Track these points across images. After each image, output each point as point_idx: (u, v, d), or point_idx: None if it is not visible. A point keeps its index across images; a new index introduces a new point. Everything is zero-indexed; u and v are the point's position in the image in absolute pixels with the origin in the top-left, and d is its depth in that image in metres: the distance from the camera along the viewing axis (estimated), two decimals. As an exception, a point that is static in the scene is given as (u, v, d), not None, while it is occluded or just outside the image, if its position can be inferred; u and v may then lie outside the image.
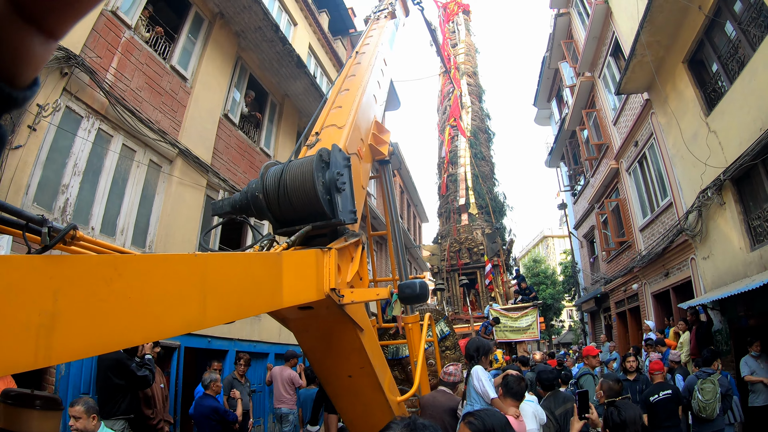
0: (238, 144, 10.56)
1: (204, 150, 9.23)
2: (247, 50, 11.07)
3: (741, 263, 8.82)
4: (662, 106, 11.50)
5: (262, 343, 10.46)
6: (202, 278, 1.47)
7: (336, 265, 2.58)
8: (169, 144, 8.26)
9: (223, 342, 9.16)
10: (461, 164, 21.41)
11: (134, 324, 1.22)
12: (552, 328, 37.56)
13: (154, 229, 8.06)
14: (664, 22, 9.88)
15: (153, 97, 8.19)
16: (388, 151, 4.81)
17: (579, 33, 18.19)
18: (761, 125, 7.70)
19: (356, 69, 5.15)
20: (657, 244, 12.91)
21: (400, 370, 9.68)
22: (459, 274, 19.06)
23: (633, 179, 14.96)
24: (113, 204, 7.36)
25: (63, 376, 5.95)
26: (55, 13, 0.46)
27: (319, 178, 2.74)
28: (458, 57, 24.02)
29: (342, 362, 3.29)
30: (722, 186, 9.25)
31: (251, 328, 10.01)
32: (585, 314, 23.26)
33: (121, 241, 7.35)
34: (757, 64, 7.73)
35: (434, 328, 6.61)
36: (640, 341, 12.30)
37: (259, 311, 2.05)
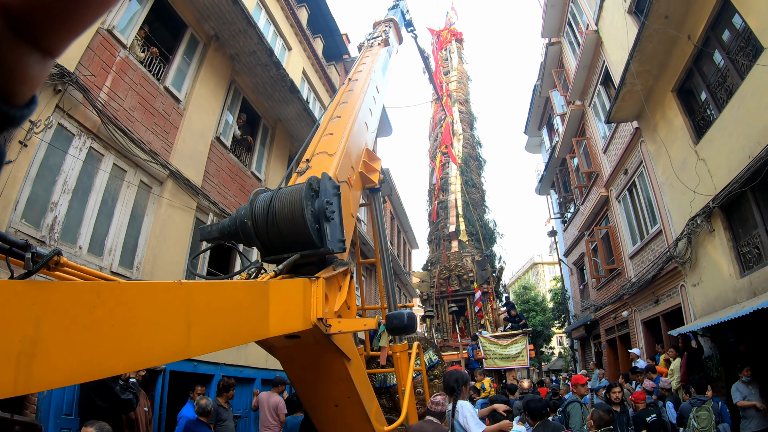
0: (229, 167, 10.54)
1: (195, 172, 9.20)
2: (241, 73, 11.13)
3: (731, 290, 8.84)
4: (651, 135, 11.63)
5: (248, 368, 10.30)
6: (187, 307, 1.45)
7: (323, 295, 2.57)
8: (160, 165, 8.22)
9: (209, 366, 9.02)
10: (452, 191, 21.46)
11: (117, 353, 1.19)
12: (542, 355, 37.35)
13: (142, 251, 7.98)
14: (653, 51, 10.05)
15: (145, 118, 8.17)
16: (379, 179, 4.81)
17: (570, 62, 18.47)
18: (750, 153, 7.79)
19: (348, 96, 5.18)
20: (647, 271, 12.95)
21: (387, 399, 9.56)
22: (448, 301, 18.95)
23: (623, 207, 15.05)
24: (102, 224, 7.29)
25: (45, 396, 5.82)
26: (52, 31, 0.46)
27: (308, 207, 2.73)
28: (450, 84, 24.25)
29: (328, 391, 3.26)
30: (711, 213, 9.32)
31: (238, 353, 9.87)
32: (575, 341, 23.20)
33: (109, 261, 7.27)
34: (746, 92, 7.86)
35: (422, 357, 6.54)
36: (629, 369, 12.22)
37: (245, 341, 2.02)
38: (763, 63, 7.16)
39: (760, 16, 7.26)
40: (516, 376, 15.65)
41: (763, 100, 7.38)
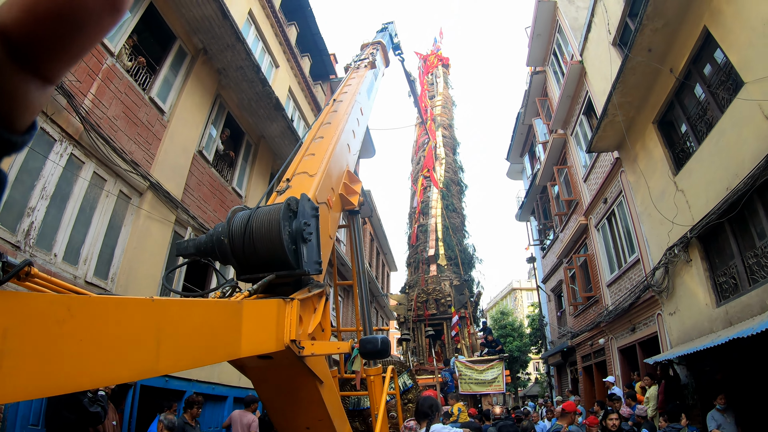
0: (210, 182, 10.46)
1: (175, 185, 9.11)
2: (227, 88, 11.12)
3: (707, 319, 8.93)
4: (632, 165, 11.82)
5: (221, 385, 10.12)
6: (158, 324, 1.43)
7: (297, 316, 2.54)
8: (140, 176, 8.13)
9: (181, 382, 8.85)
10: (432, 215, 21.59)
11: (84, 368, 1.16)
12: (518, 381, 37.36)
13: (118, 262, 7.84)
14: (636, 83, 10.26)
15: (129, 127, 8.09)
16: (359, 201, 4.81)
17: (554, 91, 18.79)
18: (727, 185, 7.94)
19: (332, 117, 5.19)
20: (624, 299, 13.05)
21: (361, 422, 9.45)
22: (425, 324, 18.94)
23: (601, 235, 15.21)
24: (79, 232, 7.16)
25: (11, 407, 5.65)
26: (51, 59, 0.47)
27: (286, 227, 2.71)
28: (435, 109, 24.52)
29: (300, 413, 3.21)
30: (689, 243, 9.45)
31: (211, 370, 9.70)
32: (551, 367, 23.21)
33: (84, 271, 7.13)
34: (725, 125, 8.04)
35: (396, 381, 6.47)
36: (605, 396, 12.24)
37: (216, 360, 1.98)
38: (742, 97, 7.34)
39: (741, 51, 7.46)
40: (492, 401, 15.60)
41: (742, 134, 7.55)
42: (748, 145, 7.40)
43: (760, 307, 7.26)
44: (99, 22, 0.47)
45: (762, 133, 7.01)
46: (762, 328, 6.05)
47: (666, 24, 8.89)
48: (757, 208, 7.60)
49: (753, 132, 7.25)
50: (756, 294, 7.47)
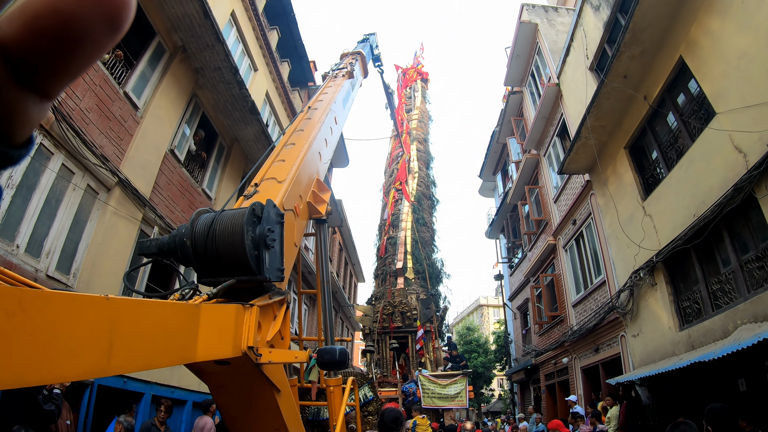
0: (180, 182, 10.28)
1: (144, 183, 8.93)
2: (203, 88, 10.98)
3: (669, 342, 9.10)
4: (602, 188, 12.03)
5: (180, 389, 9.92)
6: (111, 324, 1.39)
7: (256, 323, 2.51)
8: (109, 171, 7.94)
9: (139, 384, 8.65)
10: (402, 228, 21.60)
11: (32, 364, 1.12)
12: (482, 397, 37.49)
13: (81, 257, 7.63)
14: (610, 108, 10.47)
15: (101, 121, 7.92)
16: (326, 210, 4.79)
17: (529, 111, 19.07)
18: (695, 212, 8.13)
19: (305, 124, 5.18)
20: (589, 320, 13.22)
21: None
22: (390, 337, 18.88)
23: (569, 256, 15.42)
24: (43, 224, 6.95)
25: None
26: (49, 75, 0.47)
27: (249, 233, 2.70)
28: (411, 122, 24.63)
29: (256, 422, 3.16)
30: (654, 267, 9.64)
31: (170, 373, 9.51)
32: (515, 384, 23.36)
33: (46, 264, 6.92)
34: (695, 153, 8.25)
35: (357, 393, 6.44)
36: (567, 414, 12.35)
37: (170, 363, 1.93)
38: (714, 127, 7.55)
39: (715, 82, 7.68)
40: (453, 416, 15.61)
41: (711, 163, 7.75)
42: (716, 174, 7.60)
43: (722, 332, 7.42)
44: (98, 40, 0.46)
45: (730, 163, 7.20)
46: (724, 353, 6.18)
47: (643, 52, 9.11)
48: (722, 236, 7.79)
49: (722, 161, 7.45)
50: (719, 319, 7.64)
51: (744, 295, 7.26)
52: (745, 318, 6.96)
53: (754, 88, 6.71)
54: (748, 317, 6.89)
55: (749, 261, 7.21)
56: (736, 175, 7.04)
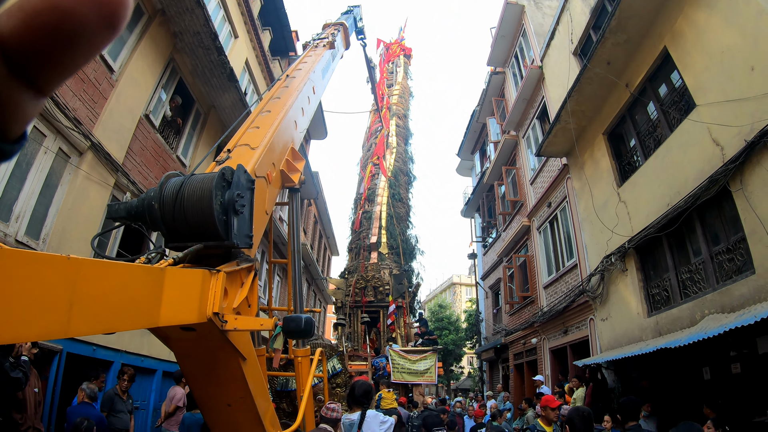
0: (154, 148, 10.06)
1: (118, 148, 8.72)
2: (181, 53, 10.70)
3: (637, 328, 9.30)
4: (578, 172, 12.13)
5: (150, 358, 9.85)
6: (72, 284, 1.37)
7: (223, 289, 2.50)
8: (82, 135, 7.71)
9: (108, 352, 8.56)
10: (378, 203, 21.54)
11: None
12: (451, 374, 37.98)
13: (51, 222, 7.44)
14: (591, 93, 10.50)
15: (74, 83, 7.67)
16: (300, 179, 4.76)
17: (510, 92, 19.08)
18: (669, 201, 8.26)
19: (283, 92, 5.14)
20: (559, 302, 13.44)
21: (288, 403, 9.43)
22: (362, 311, 18.96)
23: (542, 238, 15.60)
24: (12, 188, 6.76)
25: None
26: (45, 71, 0.48)
27: (218, 197, 2.67)
28: (392, 98, 24.44)
29: (221, 390, 3.18)
30: (626, 253, 9.80)
31: (141, 341, 9.43)
32: (484, 363, 23.74)
33: (15, 229, 6.74)
34: (672, 143, 8.34)
35: (325, 364, 6.48)
36: (534, 394, 12.60)
37: (132, 327, 1.91)
38: (693, 118, 7.64)
39: (697, 74, 7.75)
40: (422, 391, 15.81)
41: (688, 154, 7.85)
42: (692, 166, 7.71)
43: (689, 321, 7.61)
44: (95, 37, 0.46)
45: (707, 155, 7.31)
46: (690, 340, 6.34)
47: (628, 40, 9.13)
48: (695, 227, 7.94)
49: (699, 153, 7.55)
50: (687, 308, 7.82)
51: (713, 285, 7.42)
52: (712, 308, 7.13)
53: (736, 84, 6.78)
54: (715, 307, 7.06)
55: (720, 252, 7.36)
56: (712, 168, 7.15)
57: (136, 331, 9.24)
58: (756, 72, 6.41)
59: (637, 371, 9.16)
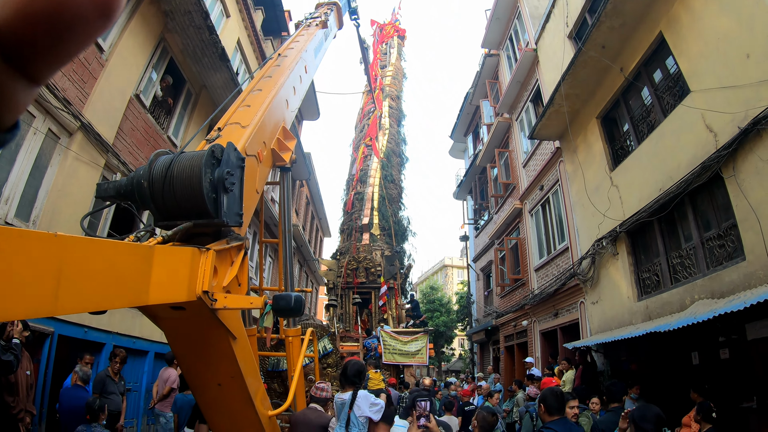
0: (145, 128, 9.97)
1: (108, 128, 8.63)
2: (172, 32, 10.55)
3: (627, 311, 9.39)
4: (571, 156, 12.14)
5: (142, 339, 9.89)
6: (60, 261, 1.37)
7: (212, 267, 2.49)
8: (71, 116, 7.63)
9: (100, 334, 8.59)
10: (370, 184, 21.47)
11: None
12: (442, 355, 38.24)
13: (41, 204, 7.39)
14: (585, 77, 10.47)
15: (64, 63, 7.58)
16: (291, 158, 4.75)
17: (504, 75, 19.01)
18: (661, 186, 8.29)
19: (274, 71, 5.09)
20: (550, 284, 13.53)
21: (279, 383, 9.48)
22: (354, 292, 19.00)
23: (534, 221, 15.65)
24: (2, 169, 6.69)
25: None
26: (39, 59, 0.48)
27: (207, 175, 2.64)
28: (385, 79, 24.27)
29: (212, 369, 3.19)
30: (617, 237, 9.85)
31: (132, 322, 9.45)
32: (475, 344, 23.95)
33: (5, 211, 6.69)
34: (666, 129, 8.35)
35: (315, 344, 6.51)
36: (525, 376, 12.74)
37: (121, 305, 1.90)
38: (687, 104, 7.64)
39: (692, 60, 7.73)
40: (413, 372, 15.94)
41: (681, 139, 7.87)
42: (685, 151, 7.73)
43: (679, 306, 7.68)
44: (89, 27, 0.46)
45: (701, 141, 7.33)
46: (679, 325, 6.39)
47: (623, 24, 9.08)
48: (686, 212, 7.98)
49: (692, 139, 7.57)
50: (677, 292, 7.89)
51: (703, 271, 7.49)
52: (702, 294, 7.20)
53: (731, 70, 6.77)
54: (705, 293, 7.13)
55: (711, 238, 7.42)
56: (705, 154, 7.17)
57: (127, 313, 9.25)
58: (751, 59, 6.40)
59: (627, 354, 9.27)
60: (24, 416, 5.77)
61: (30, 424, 5.91)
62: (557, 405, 4.38)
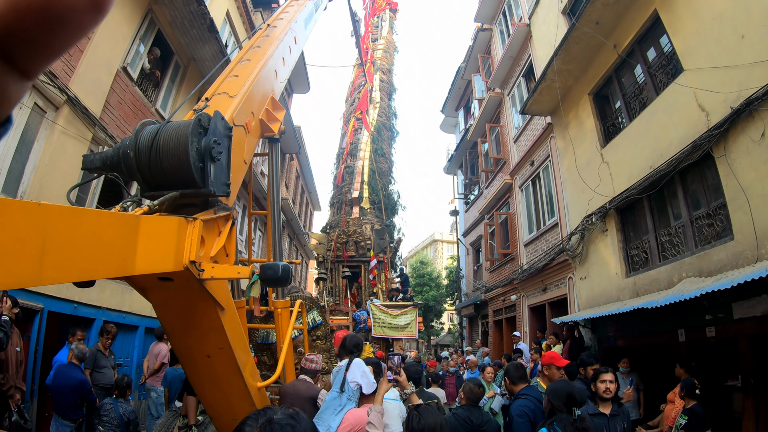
0: (132, 101, 9.82)
1: (95, 101, 8.50)
2: (160, 3, 10.32)
3: (615, 288, 9.50)
4: (562, 132, 12.13)
5: (132, 314, 9.90)
6: (43, 231, 1.36)
7: (199, 237, 2.48)
8: (57, 89, 7.50)
9: (90, 309, 8.57)
10: (360, 157, 21.36)
11: None
12: (431, 330, 38.56)
13: (28, 179, 7.30)
14: (578, 53, 10.41)
15: (50, 35, 7.43)
16: (279, 129, 4.74)
17: (497, 50, 18.86)
18: (651, 164, 8.32)
19: (263, 41, 5.04)
20: (539, 260, 13.64)
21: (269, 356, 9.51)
22: (343, 266, 19.04)
23: (524, 196, 15.70)
24: (-13, 144, 6.63)
25: None
26: (31, 53, 0.48)
27: (194, 143, 2.62)
28: (376, 52, 24.00)
29: (200, 341, 3.19)
30: (607, 214, 9.91)
31: (122, 297, 9.44)
32: (464, 319, 24.19)
33: (-9, 186, 6.66)
34: (658, 107, 8.35)
35: (305, 316, 6.56)
36: (512, 350, 12.91)
37: (107, 275, 1.89)
38: (680, 83, 7.63)
39: (686, 39, 7.70)
40: (403, 346, 16.09)
41: (673, 118, 7.88)
42: (676, 130, 7.75)
43: (667, 283, 7.78)
44: (81, 21, 0.47)
45: (692, 120, 7.34)
46: (667, 302, 6.49)
47: (618, 0, 9.00)
48: (676, 190, 8.03)
49: (684, 118, 7.58)
50: (665, 270, 7.99)
51: (691, 249, 7.57)
52: (690, 271, 7.29)
53: (725, 50, 6.76)
54: (693, 271, 7.23)
55: (700, 217, 7.48)
56: (696, 133, 7.20)
57: (117, 288, 9.24)
58: (746, 40, 6.39)
59: (614, 330, 9.40)
60: (14, 393, 5.78)
61: (20, 401, 5.93)
62: (520, 374, 5.01)
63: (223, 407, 3.63)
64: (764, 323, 5.91)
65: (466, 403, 4.87)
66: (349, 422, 3.62)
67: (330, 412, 3.85)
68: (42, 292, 7.28)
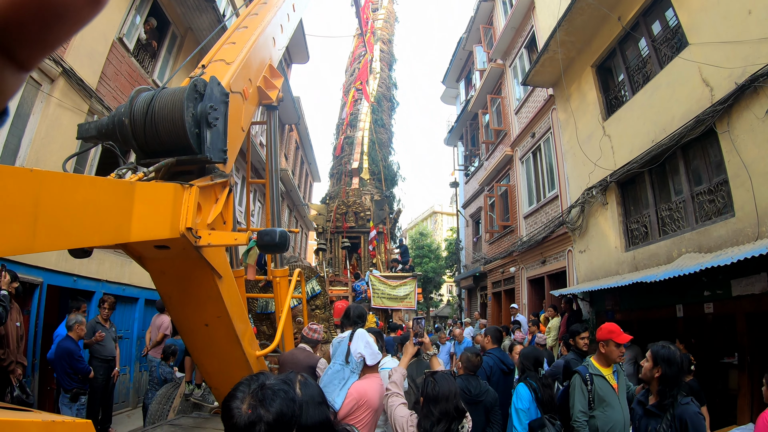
0: (129, 72, 9.71)
1: (91, 73, 8.41)
2: (156, -29, 10.18)
3: (614, 261, 9.53)
4: (564, 104, 12.03)
5: (132, 286, 9.95)
6: (36, 198, 1.35)
7: (196, 204, 2.47)
8: (52, 61, 7.40)
9: (89, 282, 8.62)
10: (360, 128, 21.25)
11: None
12: (431, 301, 38.78)
13: (25, 153, 7.25)
14: (582, 24, 10.25)
15: (43, 7, 7.31)
16: (277, 96, 4.71)
17: (499, 20, 18.60)
18: (653, 138, 8.27)
19: (261, 8, 4.98)
20: (538, 232, 13.68)
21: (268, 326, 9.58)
22: (343, 236, 19.07)
23: (525, 168, 15.65)
24: (-19, 122, 6.56)
25: None
26: (27, 45, 0.48)
27: (189, 109, 2.59)
28: (377, 22, 23.70)
29: (198, 310, 3.19)
30: (607, 187, 9.89)
31: (121, 269, 9.48)
32: (463, 290, 24.35)
33: (-12, 159, 6.62)
34: (661, 80, 8.26)
35: (303, 286, 6.58)
36: (511, 321, 13.01)
37: (102, 242, 1.88)
38: (684, 57, 7.53)
39: (692, 13, 7.56)
40: (402, 316, 16.21)
41: (676, 92, 7.80)
42: (679, 104, 7.68)
43: (666, 258, 7.80)
44: (79, 12, 0.47)
45: (696, 95, 7.27)
46: (665, 276, 6.51)
47: (623, -29, 8.85)
48: (678, 165, 7.99)
49: (687, 92, 7.51)
50: (665, 244, 8.00)
51: (692, 224, 7.57)
52: (690, 247, 7.30)
53: (730, 25, 6.66)
54: (692, 246, 7.24)
55: (701, 193, 7.46)
56: (699, 108, 7.13)
57: (116, 260, 9.26)
58: (753, 16, 6.28)
59: (612, 304, 9.45)
60: (15, 368, 5.84)
61: (22, 375, 5.98)
62: (497, 337, 6.37)
63: (222, 376, 3.66)
64: (762, 301, 5.94)
65: (464, 373, 4.92)
66: (353, 397, 3.64)
67: (333, 386, 3.86)
68: (41, 266, 7.30)
